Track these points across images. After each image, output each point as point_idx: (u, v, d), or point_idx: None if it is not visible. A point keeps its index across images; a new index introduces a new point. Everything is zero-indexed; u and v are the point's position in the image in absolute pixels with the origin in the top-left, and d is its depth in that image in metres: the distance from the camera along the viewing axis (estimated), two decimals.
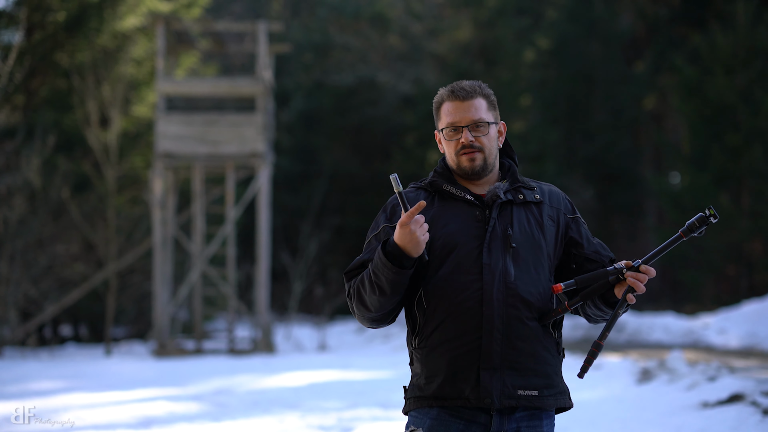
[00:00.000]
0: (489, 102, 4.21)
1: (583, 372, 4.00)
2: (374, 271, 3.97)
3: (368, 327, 4.23)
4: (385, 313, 4.08)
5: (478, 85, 4.22)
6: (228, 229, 24.67)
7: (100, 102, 25.94)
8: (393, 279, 3.93)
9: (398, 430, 11.18)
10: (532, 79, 38.59)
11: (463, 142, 4.14)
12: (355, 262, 4.16)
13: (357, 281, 4.09)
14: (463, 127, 4.15)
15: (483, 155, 4.15)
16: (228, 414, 12.80)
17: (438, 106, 4.26)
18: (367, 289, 4.02)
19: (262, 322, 24.24)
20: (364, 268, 4.14)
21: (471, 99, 4.17)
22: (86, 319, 29.44)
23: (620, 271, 3.99)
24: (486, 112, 4.18)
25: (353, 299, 4.12)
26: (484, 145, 4.15)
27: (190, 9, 28.61)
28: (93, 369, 19.93)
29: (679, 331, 23.21)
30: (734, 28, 30.19)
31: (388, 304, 4.03)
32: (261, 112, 24.00)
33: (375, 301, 4.02)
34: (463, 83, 4.22)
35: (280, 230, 36.48)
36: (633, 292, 3.96)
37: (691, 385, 13.21)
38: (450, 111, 4.19)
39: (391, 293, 3.97)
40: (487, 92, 4.22)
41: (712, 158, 29.98)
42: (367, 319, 4.14)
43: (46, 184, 25.43)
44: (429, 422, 4.05)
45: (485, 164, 4.16)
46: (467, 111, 4.16)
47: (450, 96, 4.21)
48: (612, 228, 38.48)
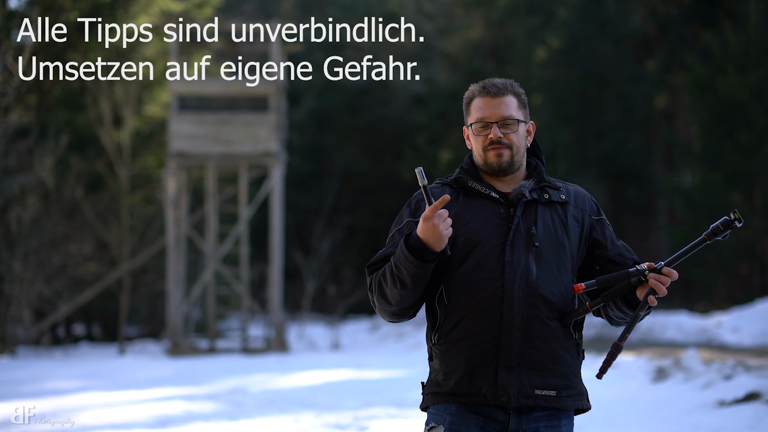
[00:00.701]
0: (520, 100, 4.22)
1: (601, 373, 4.01)
2: (396, 264, 3.97)
3: (389, 321, 4.22)
4: (406, 307, 4.08)
5: (510, 83, 4.23)
6: (241, 228, 24.70)
7: (113, 101, 26.00)
8: (414, 272, 3.93)
9: (414, 428, 11.19)
10: (544, 78, 38.55)
11: (492, 138, 4.14)
12: (378, 255, 4.17)
13: (379, 274, 4.09)
14: (493, 123, 4.16)
15: (510, 152, 4.16)
16: (244, 413, 12.83)
17: (468, 102, 4.26)
18: (388, 282, 4.02)
19: (275, 321, 24.27)
20: (386, 261, 4.13)
21: (502, 96, 4.18)
22: (100, 318, 29.52)
23: (642, 273, 3.98)
24: (516, 110, 4.18)
25: (375, 292, 4.12)
26: (513, 143, 4.16)
27: (202, 9, 28.66)
28: (107, 368, 19.97)
29: (692, 330, 23.17)
30: (746, 26, 30.12)
31: (409, 298, 4.03)
32: (274, 112, 24.03)
33: (396, 294, 4.02)
34: (495, 80, 4.23)
35: (293, 229, 36.50)
36: (654, 294, 3.95)
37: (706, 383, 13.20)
38: (480, 106, 4.19)
39: (413, 287, 3.97)
40: (518, 91, 4.23)
41: (724, 157, 29.93)
42: (387, 313, 4.14)
43: (59, 183, 25.51)
44: (449, 418, 4.05)
45: (512, 161, 4.17)
46: (497, 107, 4.16)
47: (481, 92, 4.21)
48: (624, 226, 38.40)
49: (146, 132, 28.16)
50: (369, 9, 39.45)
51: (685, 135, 37.93)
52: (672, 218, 38.08)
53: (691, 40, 36.54)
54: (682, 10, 38.02)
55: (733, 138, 29.70)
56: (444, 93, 37.32)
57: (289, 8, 46.87)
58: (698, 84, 31.23)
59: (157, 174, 27.89)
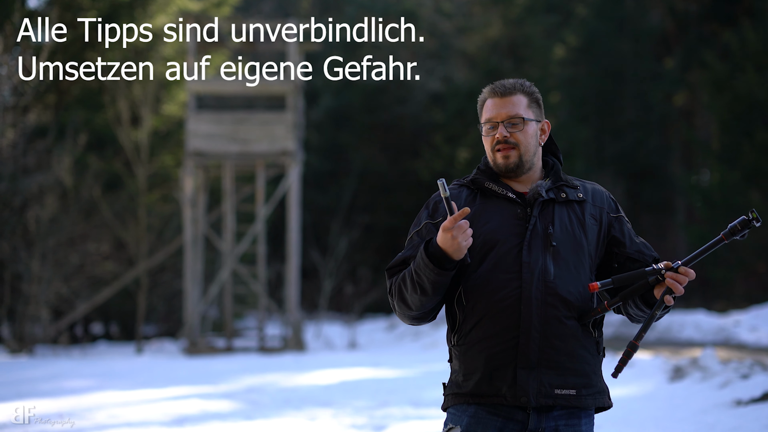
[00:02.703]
0: (531, 99, 4.20)
1: (617, 372, 3.99)
2: (416, 270, 3.97)
3: (409, 324, 4.23)
4: (426, 311, 4.09)
5: (521, 82, 4.21)
6: (258, 227, 24.72)
7: (131, 101, 26.06)
8: (434, 280, 3.93)
9: (430, 428, 11.18)
10: (562, 77, 38.51)
11: (498, 138, 4.14)
12: (397, 258, 4.17)
13: (399, 279, 4.10)
14: (499, 123, 4.15)
15: (518, 152, 4.14)
16: (260, 412, 12.83)
17: (481, 104, 4.26)
18: (408, 287, 4.03)
19: (292, 320, 24.28)
20: (405, 265, 4.14)
21: (510, 95, 4.17)
22: (117, 317, 29.61)
23: (659, 272, 3.96)
24: (525, 109, 4.17)
25: (395, 297, 4.12)
26: (520, 142, 4.14)
27: (219, 8, 28.72)
28: (125, 367, 20.02)
29: (710, 329, 23.10)
30: (765, 24, 30.06)
31: (429, 304, 4.04)
32: (291, 111, 24.05)
33: (416, 300, 4.02)
34: (505, 81, 4.22)
35: (310, 228, 36.52)
36: (671, 294, 3.94)
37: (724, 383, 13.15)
38: (489, 107, 4.19)
39: (433, 293, 3.98)
40: (529, 90, 4.21)
41: (743, 155, 29.85)
42: (408, 317, 4.15)
43: (77, 182, 25.59)
44: (467, 420, 4.05)
45: (520, 161, 4.15)
46: (504, 107, 4.16)
47: (490, 93, 4.21)
48: (641, 225, 38.31)
49: (164, 131, 28.23)
50: (387, 8, 39.43)
51: (703, 133, 37.83)
52: (690, 217, 37.98)
53: (709, 38, 36.46)
54: (701, 7, 37.93)
55: (751, 136, 29.62)
56: (462, 92, 37.31)
57: (306, 7, 46.90)
58: (717, 82, 31.15)
59: (174, 173, 27.95)
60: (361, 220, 37.20)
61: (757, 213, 3.88)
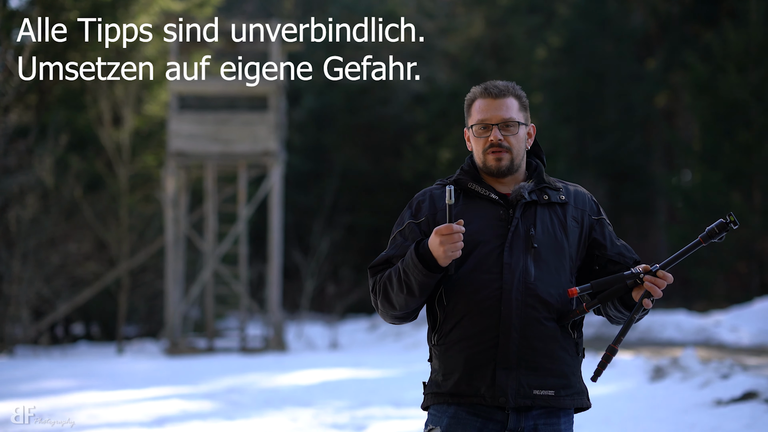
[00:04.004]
0: (521, 103, 4.22)
1: (596, 375, 4.00)
2: (405, 269, 3.99)
3: (390, 323, 4.24)
4: (409, 311, 4.11)
5: (512, 85, 4.23)
6: (240, 227, 24.70)
7: (113, 101, 26.00)
8: (422, 280, 3.95)
9: (411, 427, 11.19)
10: (544, 77, 38.56)
11: (492, 141, 4.15)
12: (381, 257, 4.18)
13: (384, 277, 4.11)
14: (493, 125, 4.16)
15: (510, 155, 4.16)
16: (241, 412, 12.82)
17: (470, 104, 4.26)
18: (395, 286, 4.04)
19: (273, 321, 24.26)
20: (388, 263, 4.16)
21: (503, 98, 4.18)
22: (98, 317, 29.51)
23: (638, 276, 3.98)
24: (517, 113, 4.19)
25: (379, 295, 4.14)
26: (512, 145, 4.16)
27: (202, 8, 28.66)
28: (105, 367, 19.97)
29: (690, 329, 23.17)
30: (746, 25, 30.12)
31: (413, 304, 4.06)
32: (273, 111, 24.03)
33: (402, 299, 4.04)
34: (497, 82, 4.23)
35: (292, 228, 36.50)
36: (650, 297, 3.96)
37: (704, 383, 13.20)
38: (481, 108, 4.19)
39: (420, 294, 4.00)
40: (519, 93, 4.23)
41: (724, 156, 29.93)
42: (390, 316, 4.17)
43: (58, 183, 25.51)
44: (447, 420, 4.07)
45: (511, 164, 4.17)
46: (498, 109, 4.17)
47: (483, 93, 4.22)
48: (623, 226, 38.38)
49: (146, 131, 28.16)
50: (370, 8, 39.43)
51: (685, 134, 37.93)
52: (672, 217, 38.06)
53: (691, 39, 36.56)
54: (683, 8, 38.05)
55: (733, 137, 29.71)
56: (444, 92, 37.34)
57: (289, 7, 46.87)
58: (698, 83, 31.23)
59: (156, 173, 27.88)
60: (343, 220, 37.20)
61: (734, 216, 3.89)
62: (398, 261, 4.10)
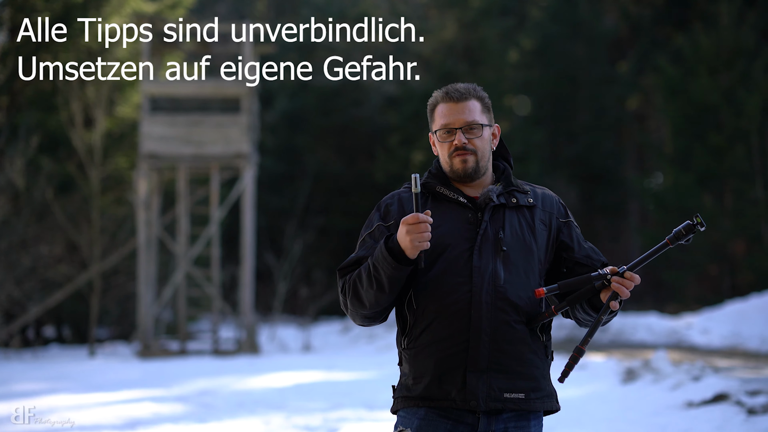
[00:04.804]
0: (483, 104, 4.20)
1: (563, 377, 4.00)
2: (374, 264, 3.97)
3: (359, 324, 4.22)
4: (378, 310, 4.09)
5: (473, 87, 4.21)
6: (212, 229, 24.65)
7: (85, 103, 25.89)
8: (391, 274, 3.93)
9: (383, 430, 11.18)
10: (517, 80, 38.64)
11: (456, 144, 4.13)
12: (350, 259, 4.16)
13: (353, 276, 4.09)
14: (457, 129, 4.15)
15: (476, 157, 4.15)
16: (213, 415, 12.80)
17: (432, 108, 4.25)
18: (364, 283, 4.02)
19: (246, 323, 24.22)
20: (358, 265, 4.14)
21: (465, 101, 4.17)
22: (70, 320, 29.37)
23: (605, 277, 3.98)
24: (480, 115, 4.17)
25: (348, 294, 4.11)
26: (477, 147, 4.15)
27: (174, 10, 28.58)
28: (77, 370, 19.89)
29: (662, 331, 23.27)
30: (717, 28, 30.29)
31: (383, 301, 4.03)
32: (246, 113, 23.99)
33: (371, 296, 4.02)
34: (457, 85, 4.21)
35: (265, 231, 36.42)
36: (617, 299, 3.96)
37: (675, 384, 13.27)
38: (444, 113, 4.18)
39: (389, 289, 3.98)
40: (481, 95, 4.22)
41: (695, 158, 30.08)
42: (359, 316, 4.15)
43: (29, 184, 25.39)
44: (417, 422, 4.06)
45: (477, 167, 4.15)
46: (461, 113, 4.15)
47: (444, 98, 4.20)
48: (595, 228, 38.52)
49: (117, 133, 28.04)
50: (342, 10, 39.43)
51: (656, 137, 38.13)
52: (643, 220, 38.24)
53: (662, 42, 36.71)
54: (654, 12, 38.21)
55: (704, 140, 29.86)
56: (417, 94, 37.33)
57: (262, 9, 46.83)
58: (670, 86, 31.39)
59: (128, 175, 27.77)
60: (316, 222, 37.16)
61: (701, 218, 3.90)
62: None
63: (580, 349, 4.00)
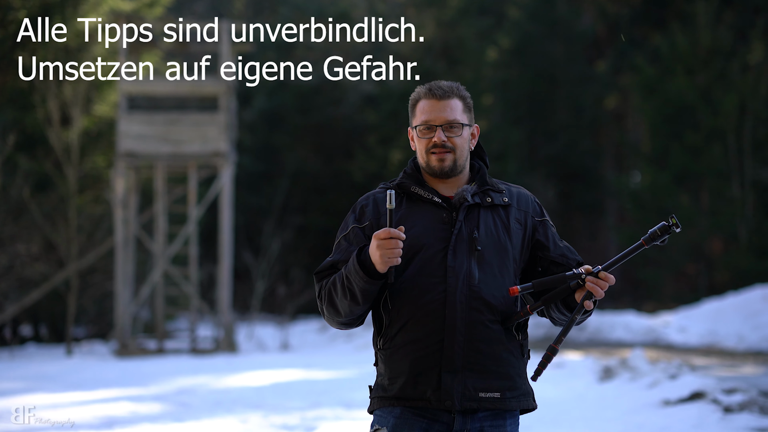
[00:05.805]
0: (465, 104, 4.21)
1: (536, 375, 4.00)
2: (347, 275, 3.98)
3: (337, 328, 4.24)
4: (354, 318, 4.10)
5: (456, 86, 4.22)
6: (190, 228, 24.60)
7: (61, 101, 25.79)
8: (363, 287, 3.94)
9: (361, 429, 11.20)
10: (495, 79, 38.70)
11: (436, 141, 4.14)
12: (326, 263, 4.17)
13: (329, 283, 4.10)
14: (437, 126, 4.15)
15: (453, 156, 4.15)
16: (191, 414, 12.78)
17: (414, 104, 4.26)
18: (338, 293, 4.03)
19: (224, 322, 24.18)
20: (334, 269, 4.15)
21: (447, 99, 4.17)
22: (47, 319, 29.24)
23: (580, 276, 3.99)
24: (461, 114, 4.17)
25: (324, 301, 4.12)
26: (456, 146, 4.15)
27: (152, 8, 28.48)
28: (54, 369, 19.82)
29: (639, 330, 23.33)
30: (694, 28, 30.41)
31: (358, 310, 4.05)
32: (224, 112, 23.95)
33: (346, 306, 4.03)
34: (441, 83, 4.21)
35: (243, 229, 36.38)
36: (591, 298, 3.97)
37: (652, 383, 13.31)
38: (425, 109, 4.19)
39: (363, 301, 3.99)
40: (464, 94, 4.22)
41: (672, 157, 30.19)
42: (336, 322, 4.16)
43: (6, 183, 25.27)
44: (393, 421, 4.07)
45: (455, 165, 4.16)
46: (443, 110, 4.16)
47: (427, 94, 4.21)
48: (573, 227, 38.63)
49: (95, 132, 27.92)
50: (321, 9, 39.40)
51: (634, 136, 38.25)
52: (621, 218, 38.34)
53: (640, 41, 36.83)
54: (632, 11, 38.31)
55: (681, 139, 29.98)
56: (395, 93, 37.34)
57: (240, 8, 46.73)
58: (647, 85, 31.51)
59: (105, 174, 27.67)
60: (294, 221, 37.13)
61: (676, 219, 3.91)
62: (343, 266, 4.08)
63: (554, 347, 4.02)
